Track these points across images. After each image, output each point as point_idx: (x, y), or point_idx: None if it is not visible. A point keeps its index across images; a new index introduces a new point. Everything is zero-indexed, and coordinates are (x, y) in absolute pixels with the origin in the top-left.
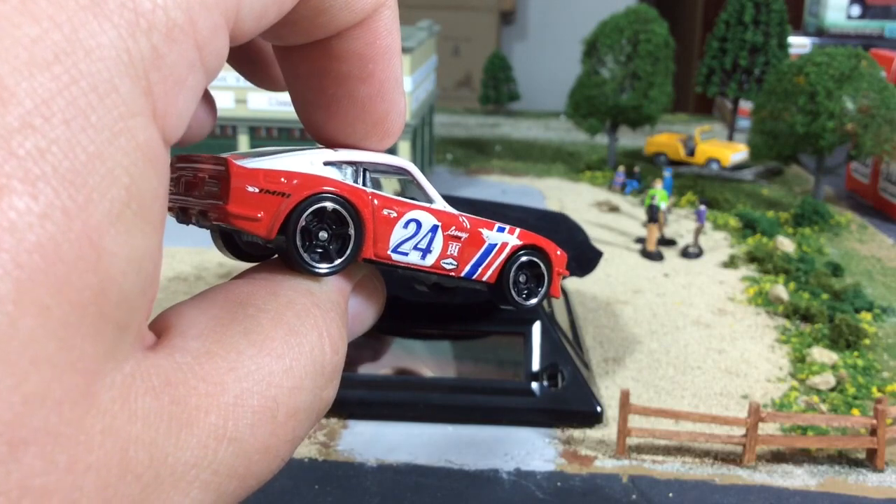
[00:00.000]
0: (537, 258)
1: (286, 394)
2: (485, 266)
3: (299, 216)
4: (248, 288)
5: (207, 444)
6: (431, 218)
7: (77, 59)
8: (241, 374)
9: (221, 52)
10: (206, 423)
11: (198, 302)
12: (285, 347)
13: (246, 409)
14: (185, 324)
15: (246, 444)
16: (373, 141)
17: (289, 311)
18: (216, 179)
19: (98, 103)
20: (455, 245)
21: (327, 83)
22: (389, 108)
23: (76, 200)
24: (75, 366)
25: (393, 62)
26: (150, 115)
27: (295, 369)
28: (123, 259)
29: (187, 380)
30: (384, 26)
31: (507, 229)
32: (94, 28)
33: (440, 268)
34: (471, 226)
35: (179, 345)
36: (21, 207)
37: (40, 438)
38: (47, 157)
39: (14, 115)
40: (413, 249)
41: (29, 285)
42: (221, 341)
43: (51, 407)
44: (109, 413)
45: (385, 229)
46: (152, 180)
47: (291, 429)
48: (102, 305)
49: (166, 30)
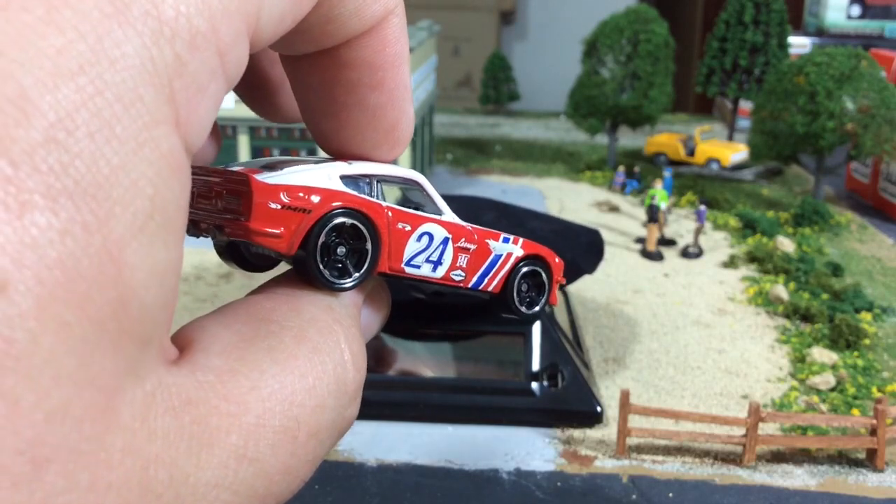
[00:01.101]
0: (539, 267)
1: (308, 413)
2: (490, 276)
3: (320, 232)
4: (269, 304)
5: (228, 464)
6: (443, 230)
7: (102, 69)
8: (264, 394)
9: (242, 58)
10: (227, 443)
11: (220, 317)
12: (309, 366)
13: (267, 429)
14: (207, 339)
15: (266, 464)
16: (384, 149)
17: (312, 329)
18: (235, 195)
19: (123, 114)
20: (464, 257)
21: (337, 92)
22: (399, 116)
23: (97, 215)
24: (95, 382)
25: (402, 70)
26: (173, 123)
27: (318, 388)
28: (145, 272)
29: (209, 399)
30: (393, 34)
31: (511, 239)
32: (118, 37)
33: (449, 279)
34: (478, 237)
35: (202, 362)
36: (42, 223)
37: (62, 456)
38: (70, 172)
39: (38, 128)
40: (425, 262)
41: (50, 302)
42: (244, 359)
43: (72, 424)
44: (130, 430)
45: (400, 243)
46: (175, 190)
47: (312, 449)
48: (122, 320)
49: (189, 37)
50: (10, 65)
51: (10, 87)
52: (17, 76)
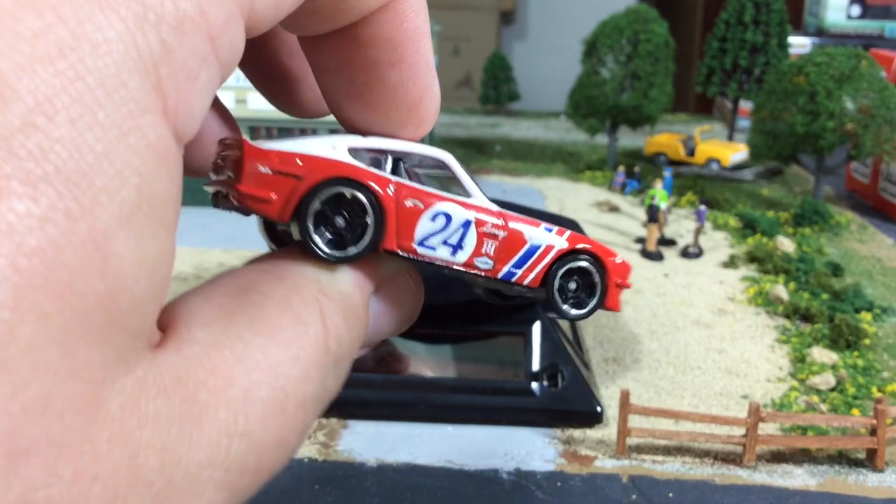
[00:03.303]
0: (589, 264)
1: (294, 384)
2: (526, 268)
3: (311, 199)
4: (253, 275)
5: (219, 441)
6: (464, 212)
7: (83, 53)
8: (248, 366)
9: (237, 43)
10: (216, 419)
11: (202, 290)
12: (291, 335)
13: (255, 402)
14: (189, 314)
15: (257, 438)
16: (409, 129)
17: (294, 297)
18: (233, 160)
19: (106, 100)
20: (491, 243)
21: (356, 72)
22: (423, 93)
23: (81, 203)
24: (79, 373)
25: (422, 44)
26: (160, 112)
27: (302, 358)
28: (134, 263)
29: (196, 373)
30: (411, 8)
31: (554, 230)
32: (100, 21)
33: (473, 266)
34: (511, 224)
35: (186, 337)
36: (21, 210)
37: (42, 449)
38: (50, 158)
39: (15, 112)
40: (442, 244)
41: (28, 291)
42: (227, 331)
43: (52, 416)
44: (118, 420)
45: (409, 220)
46: (164, 180)
47: (301, 419)
48: (111, 311)
49: (176, 22)
50: None
51: None
52: None
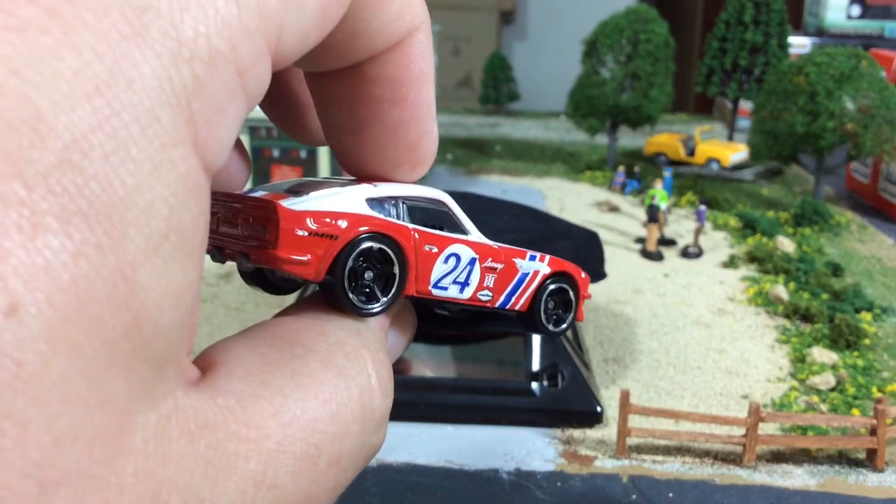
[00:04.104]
0: (566, 284)
1: (330, 440)
2: (517, 295)
3: (347, 257)
4: (296, 326)
5: (246, 490)
6: (470, 251)
7: (119, 90)
8: (285, 420)
9: (264, 77)
10: (245, 469)
11: (245, 339)
12: (333, 391)
13: (287, 455)
14: (231, 362)
15: (285, 491)
16: (405, 169)
17: (338, 353)
18: (261, 222)
19: (139, 135)
20: (491, 276)
21: (359, 108)
22: (422, 134)
23: (111, 236)
24: (106, 405)
25: (426, 87)
26: (191, 144)
27: (342, 414)
28: (160, 293)
29: (228, 424)
30: (418, 50)
31: (538, 257)
32: (136, 58)
33: (477, 300)
34: (505, 256)
35: (223, 386)
36: (55, 246)
37: (71, 480)
38: (84, 193)
39: (52, 150)
40: (452, 283)
41: (61, 324)
42: (267, 383)
43: (82, 447)
44: (142, 454)
45: (427, 265)
46: (192, 210)
47: (333, 476)
48: (136, 342)
49: (208, 58)
50: (25, 86)
51: (26, 108)
52: (33, 98)
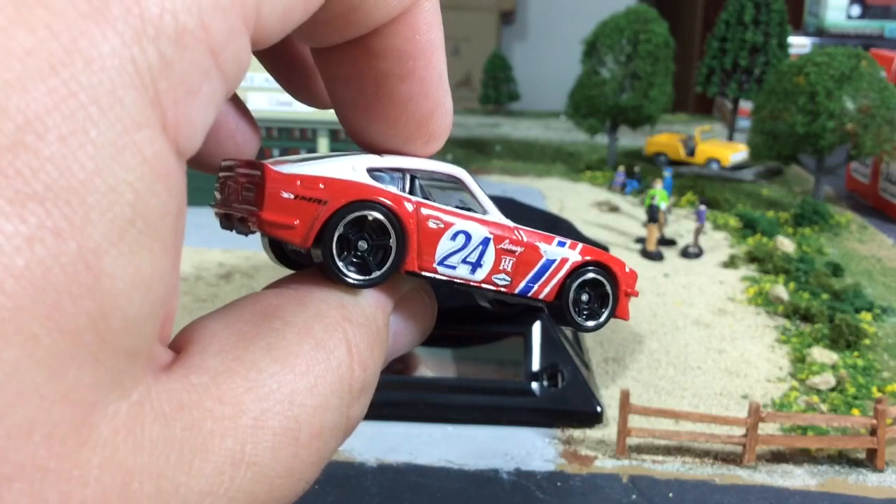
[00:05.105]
0: (602, 276)
1: (310, 413)
2: (542, 283)
3: (336, 224)
4: (276, 300)
5: (223, 469)
6: (482, 230)
7: (76, 70)
8: (260, 394)
9: (241, 56)
10: (221, 448)
11: (223, 315)
12: (310, 363)
13: (266, 430)
14: (206, 339)
15: (266, 467)
16: (418, 143)
17: (317, 324)
18: (253, 185)
19: (99, 117)
20: (509, 259)
21: (366, 84)
22: (433, 107)
23: (71, 221)
24: (68, 397)
25: (435, 58)
26: (158, 127)
27: (320, 386)
28: (127, 282)
29: (202, 402)
30: (424, 20)
31: (567, 244)
32: (95, 37)
33: (492, 283)
34: (527, 239)
35: (197, 363)
36: (8, 230)
37: (27, 474)
38: (40, 176)
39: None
40: (462, 263)
41: (14, 313)
42: (242, 358)
43: (38, 441)
44: (110, 445)
45: (430, 241)
46: (161, 195)
47: (316, 450)
48: (103, 332)
49: (175, 36)
50: None
51: None
52: None
